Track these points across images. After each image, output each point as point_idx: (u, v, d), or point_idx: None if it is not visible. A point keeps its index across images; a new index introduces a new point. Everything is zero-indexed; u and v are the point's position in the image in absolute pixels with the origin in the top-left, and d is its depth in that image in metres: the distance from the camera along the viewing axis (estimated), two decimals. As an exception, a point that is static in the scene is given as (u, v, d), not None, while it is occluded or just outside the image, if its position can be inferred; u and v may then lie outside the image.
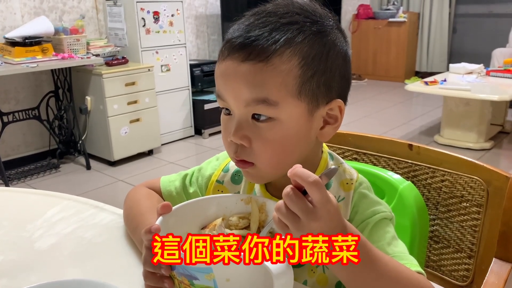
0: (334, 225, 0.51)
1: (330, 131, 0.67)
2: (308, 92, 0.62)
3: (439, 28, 6.16)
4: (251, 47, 0.60)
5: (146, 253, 0.59)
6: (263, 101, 0.60)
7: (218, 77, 0.64)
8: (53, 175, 3.30)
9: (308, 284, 0.69)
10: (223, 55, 0.63)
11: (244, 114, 0.63)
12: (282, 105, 0.61)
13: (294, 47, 0.60)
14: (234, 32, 0.63)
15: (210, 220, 0.66)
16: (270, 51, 0.59)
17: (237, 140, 0.63)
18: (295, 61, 0.60)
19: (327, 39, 0.63)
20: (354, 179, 0.70)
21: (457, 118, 3.57)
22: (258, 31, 0.61)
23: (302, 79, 0.61)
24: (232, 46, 0.62)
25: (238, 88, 0.61)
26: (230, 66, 0.62)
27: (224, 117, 0.67)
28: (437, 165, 0.87)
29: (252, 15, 0.64)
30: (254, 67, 0.60)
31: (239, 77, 0.61)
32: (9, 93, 3.35)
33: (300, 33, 0.61)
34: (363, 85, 6.11)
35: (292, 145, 0.64)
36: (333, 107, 0.65)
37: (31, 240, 0.79)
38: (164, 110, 3.77)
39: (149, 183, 0.84)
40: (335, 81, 0.65)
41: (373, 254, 0.54)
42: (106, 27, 3.81)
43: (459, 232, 0.86)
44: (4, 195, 1.02)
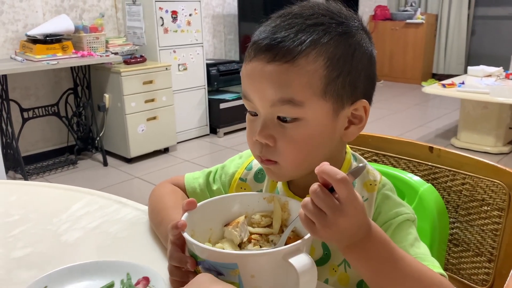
0: (360, 222, 0.52)
1: (355, 131, 0.67)
2: (333, 92, 0.63)
3: (457, 30, 6.09)
4: (277, 48, 0.61)
5: (172, 248, 0.61)
6: (288, 101, 0.61)
7: (244, 78, 0.66)
8: (71, 171, 3.35)
9: (329, 283, 0.69)
10: (249, 56, 0.64)
11: (270, 114, 0.63)
12: (307, 105, 0.61)
13: (320, 48, 0.61)
14: (260, 34, 0.64)
15: (233, 217, 0.67)
16: (296, 52, 0.60)
17: (262, 139, 0.64)
18: (321, 62, 0.61)
19: (352, 40, 0.64)
20: (378, 180, 0.70)
21: (475, 121, 3.53)
22: (284, 33, 0.61)
23: (328, 79, 0.62)
24: (259, 47, 0.63)
25: (264, 89, 0.62)
26: (256, 67, 0.63)
27: (249, 117, 0.68)
28: (457, 168, 0.87)
29: (278, 17, 0.65)
30: (280, 67, 0.61)
31: (265, 77, 0.62)
32: (30, 89, 3.41)
33: (326, 34, 0.62)
34: (379, 86, 6.04)
35: (316, 144, 0.65)
36: (358, 107, 0.66)
37: (57, 234, 0.81)
38: (180, 108, 3.80)
39: (173, 180, 0.86)
40: (360, 82, 0.65)
41: (397, 253, 0.55)
42: (125, 26, 3.86)
43: (480, 235, 0.86)
44: (29, 189, 1.05)
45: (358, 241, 0.53)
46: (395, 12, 6.43)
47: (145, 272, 0.65)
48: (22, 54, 3.15)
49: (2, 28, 3.23)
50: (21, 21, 3.30)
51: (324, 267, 0.70)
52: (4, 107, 3.03)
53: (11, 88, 3.14)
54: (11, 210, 0.91)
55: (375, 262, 0.54)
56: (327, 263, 0.70)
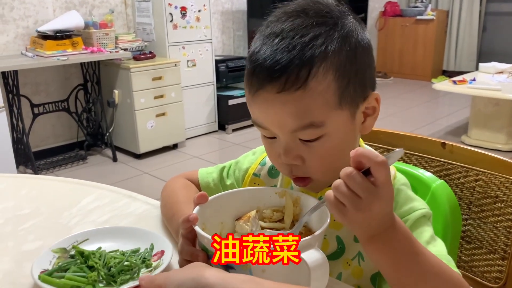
0: (390, 209, 0.52)
1: (371, 122, 0.67)
2: (347, 99, 0.62)
3: (469, 27, 6.03)
4: (284, 76, 0.58)
5: (183, 242, 0.60)
6: (309, 125, 0.60)
7: (255, 109, 0.63)
8: (81, 166, 3.37)
9: (343, 277, 0.69)
10: (253, 85, 0.61)
11: (291, 137, 0.62)
12: (327, 122, 0.61)
13: (325, 62, 0.59)
14: (259, 60, 0.60)
15: (245, 211, 0.67)
16: (304, 76, 0.58)
17: (290, 161, 0.63)
18: (330, 76, 0.60)
19: (351, 40, 0.62)
20: (393, 175, 0.70)
21: (486, 118, 3.49)
22: (286, 57, 0.58)
23: (340, 90, 0.61)
24: (263, 77, 0.60)
25: (281, 119, 0.61)
26: (266, 98, 0.60)
27: (266, 140, 0.66)
28: (470, 164, 0.86)
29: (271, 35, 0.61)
30: (292, 96, 0.59)
31: (279, 108, 0.60)
32: (40, 85, 3.44)
33: (328, 46, 0.59)
34: (389, 83, 6.04)
35: (343, 150, 0.64)
36: (371, 100, 0.66)
37: (68, 227, 0.82)
38: (189, 105, 3.81)
39: (187, 174, 0.86)
40: (366, 76, 0.65)
41: (417, 247, 0.54)
42: (134, 22, 3.87)
43: (493, 233, 0.84)
44: (39, 183, 1.05)
45: (383, 231, 0.53)
46: (405, 8, 6.38)
47: (165, 246, 0.68)
48: (32, 50, 3.17)
49: (13, 24, 3.25)
50: (32, 17, 3.32)
51: (338, 261, 0.69)
52: (15, 102, 3.05)
53: (21, 83, 3.16)
54: (22, 204, 0.92)
55: (397, 255, 0.54)
56: (341, 257, 0.70)
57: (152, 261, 0.66)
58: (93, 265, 0.63)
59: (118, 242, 0.72)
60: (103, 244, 0.71)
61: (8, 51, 3.24)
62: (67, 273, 0.62)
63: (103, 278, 0.62)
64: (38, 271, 0.62)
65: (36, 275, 0.61)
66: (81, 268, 0.63)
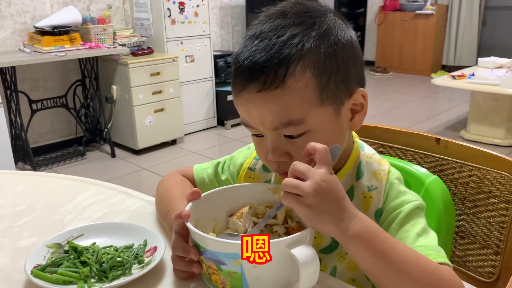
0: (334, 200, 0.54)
1: (360, 118, 0.68)
2: (329, 96, 0.62)
3: (468, 21, 6.01)
4: (263, 76, 0.60)
5: (176, 238, 0.61)
6: (289, 123, 0.61)
7: (239, 108, 0.66)
8: (79, 162, 3.38)
9: (338, 270, 0.70)
10: (237, 87, 0.64)
11: (276, 134, 0.64)
12: (308, 119, 0.62)
13: (303, 60, 0.60)
14: (240, 61, 0.62)
15: (238, 208, 0.67)
16: (282, 74, 0.60)
17: (277, 158, 0.65)
18: (309, 74, 0.61)
19: (329, 37, 0.63)
20: (387, 169, 0.71)
21: (485, 113, 3.49)
22: (264, 56, 0.60)
23: (320, 87, 0.61)
24: (244, 78, 0.62)
25: (262, 117, 0.63)
26: (248, 97, 0.62)
27: (255, 139, 0.68)
28: (465, 159, 0.86)
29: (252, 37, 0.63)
30: (271, 94, 0.60)
31: (260, 106, 0.62)
32: (38, 81, 3.43)
33: (304, 44, 0.60)
34: (388, 78, 6.03)
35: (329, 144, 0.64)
36: (357, 97, 0.66)
37: (63, 223, 0.82)
38: (187, 100, 3.80)
39: (182, 171, 0.87)
40: (350, 73, 0.65)
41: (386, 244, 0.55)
42: (132, 17, 3.86)
43: (486, 228, 0.85)
44: (35, 179, 1.06)
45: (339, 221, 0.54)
46: (405, 2, 6.36)
47: (158, 242, 0.69)
48: (30, 46, 3.17)
49: (11, 20, 3.24)
50: (29, 12, 3.32)
51: (332, 255, 0.70)
52: (13, 98, 3.05)
53: (19, 79, 3.16)
54: (17, 200, 0.92)
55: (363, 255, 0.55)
56: (335, 250, 0.70)
57: (144, 257, 0.66)
58: (86, 260, 0.64)
59: (113, 238, 0.72)
60: (98, 240, 0.71)
61: (5, 47, 3.24)
62: (59, 268, 0.62)
63: (95, 273, 0.62)
64: (31, 266, 0.62)
65: (29, 270, 0.61)
66: (74, 263, 0.64)
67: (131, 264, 0.64)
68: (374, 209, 0.69)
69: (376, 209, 0.69)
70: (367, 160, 0.72)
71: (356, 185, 0.70)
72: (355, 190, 0.70)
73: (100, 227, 0.75)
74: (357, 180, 0.70)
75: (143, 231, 0.72)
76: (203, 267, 0.59)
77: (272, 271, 0.55)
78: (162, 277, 0.64)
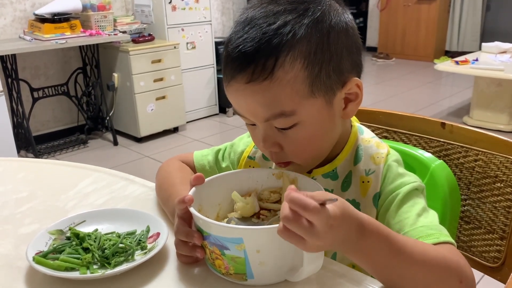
0: (343, 236, 0.49)
1: (354, 107, 0.66)
2: (320, 87, 0.61)
3: (472, 6, 5.94)
4: (251, 66, 0.58)
5: (179, 222, 0.60)
6: (279, 115, 0.60)
7: (230, 98, 0.64)
8: (81, 150, 3.37)
9: (337, 256, 0.69)
10: (227, 76, 0.62)
11: (267, 125, 0.63)
12: (299, 111, 0.60)
13: (293, 51, 0.58)
14: (230, 49, 0.60)
15: (242, 193, 0.67)
16: (271, 66, 0.58)
17: (268, 148, 0.64)
18: (298, 65, 0.59)
19: (322, 25, 0.60)
20: (385, 152, 0.69)
21: (488, 99, 3.47)
22: (253, 46, 0.58)
23: (311, 78, 0.60)
24: (234, 67, 0.60)
25: (252, 108, 0.62)
26: (237, 88, 0.61)
27: (249, 127, 0.68)
28: (470, 144, 0.85)
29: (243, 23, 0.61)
30: (260, 86, 0.59)
31: (249, 98, 0.61)
32: (39, 69, 3.42)
33: (295, 34, 0.58)
34: (390, 64, 5.98)
35: (322, 136, 0.65)
36: (351, 87, 0.64)
37: (65, 210, 0.81)
38: (189, 88, 3.79)
39: (182, 157, 0.86)
40: (344, 61, 0.63)
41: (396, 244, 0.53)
42: (133, 4, 3.82)
43: (492, 213, 0.84)
44: (37, 166, 1.05)
45: (351, 245, 0.51)
46: (408, -13, 6.28)
47: (161, 228, 0.68)
48: (30, 34, 3.15)
49: (10, 7, 3.22)
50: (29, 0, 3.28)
51: None
52: (14, 86, 3.04)
53: (20, 67, 3.15)
54: (19, 187, 0.92)
55: (376, 258, 0.53)
56: None
57: (147, 243, 0.66)
58: (88, 247, 0.63)
59: (115, 224, 0.71)
60: (100, 226, 0.71)
61: (5, 34, 3.22)
62: (61, 255, 0.62)
63: (98, 260, 0.62)
64: (33, 252, 0.62)
65: (30, 256, 0.61)
66: (76, 249, 0.63)
67: (133, 250, 0.64)
68: (372, 193, 0.67)
69: (374, 194, 0.67)
70: (366, 144, 0.71)
71: (354, 170, 0.69)
72: (353, 175, 0.69)
73: (102, 213, 0.74)
74: (354, 165, 0.69)
75: (146, 217, 0.72)
76: (207, 252, 0.58)
77: (276, 256, 0.55)
78: (165, 263, 0.64)
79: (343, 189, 0.70)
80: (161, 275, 0.61)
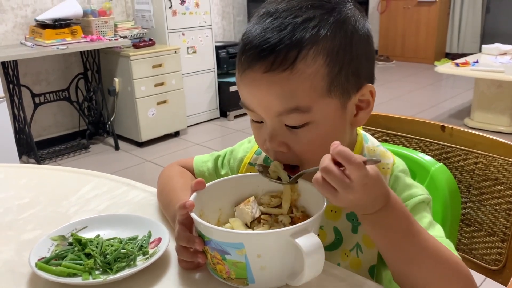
0: (373, 197, 0.52)
1: (364, 115, 0.65)
2: (338, 88, 0.60)
3: (472, 8, 5.94)
4: (272, 56, 0.57)
5: (180, 228, 0.60)
6: (295, 109, 0.58)
7: (242, 88, 0.62)
8: (83, 155, 3.38)
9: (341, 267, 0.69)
10: (242, 64, 0.60)
11: (277, 122, 0.61)
12: (314, 108, 0.59)
13: (316, 46, 0.57)
14: (250, 38, 0.59)
15: (243, 197, 0.67)
16: (293, 57, 0.57)
17: (275, 148, 0.62)
18: (321, 61, 0.58)
19: (347, 27, 0.60)
20: (391, 163, 0.69)
21: (489, 100, 3.47)
22: (276, 36, 0.57)
23: (330, 76, 0.59)
24: (252, 55, 0.58)
25: (266, 101, 0.59)
26: (253, 77, 0.59)
27: (254, 124, 0.65)
28: (470, 147, 0.85)
29: (264, 15, 0.60)
30: (279, 77, 0.57)
31: (265, 89, 0.58)
32: (40, 74, 3.43)
33: (320, 29, 0.57)
34: (391, 67, 5.99)
35: (331, 139, 0.61)
36: (365, 92, 0.64)
37: (67, 216, 0.82)
38: (190, 92, 3.79)
39: (182, 162, 0.86)
40: (362, 66, 0.63)
41: (415, 228, 0.54)
42: (133, 9, 3.83)
43: (492, 215, 0.84)
44: (38, 172, 1.05)
45: (374, 212, 0.53)
46: (408, -10, 6.29)
47: (162, 233, 0.68)
48: (31, 39, 3.16)
49: (11, 13, 3.23)
50: (30, 6, 3.30)
51: (335, 252, 0.69)
52: (15, 92, 3.05)
53: (22, 73, 3.16)
54: (21, 193, 0.92)
55: (391, 233, 0.54)
56: (339, 248, 0.69)
57: (149, 249, 0.66)
58: (90, 252, 0.63)
59: (117, 230, 0.72)
60: (102, 232, 0.71)
61: (7, 40, 3.23)
62: (64, 261, 0.62)
63: (100, 265, 0.62)
64: (35, 258, 0.62)
65: (33, 262, 0.61)
66: (78, 255, 0.64)
67: (135, 255, 0.64)
68: None
69: None
70: (371, 154, 0.70)
71: None
72: None
73: (104, 219, 0.75)
74: None
75: (147, 222, 0.72)
76: (208, 257, 0.59)
77: (277, 260, 0.55)
78: (167, 268, 0.64)
79: None
80: (163, 280, 0.62)
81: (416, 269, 0.55)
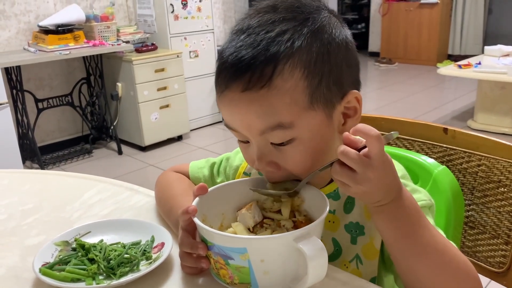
0: (390, 179, 0.52)
1: (353, 123, 0.63)
2: (320, 99, 0.58)
3: (474, 9, 5.94)
4: (248, 74, 0.55)
5: (183, 234, 0.60)
6: (277, 126, 0.57)
7: (223, 110, 0.61)
8: (86, 160, 3.39)
9: None
10: (220, 86, 0.59)
11: (262, 141, 0.59)
12: (297, 123, 0.57)
13: (292, 59, 0.56)
14: (224, 58, 0.58)
15: (245, 202, 0.67)
16: (269, 73, 0.55)
17: (264, 168, 0.61)
18: (298, 74, 0.56)
19: (323, 36, 0.58)
20: None
21: (492, 102, 3.46)
22: (250, 53, 0.56)
23: (311, 89, 0.57)
24: (228, 75, 0.57)
25: (247, 120, 0.58)
26: (232, 97, 0.57)
27: (241, 145, 0.64)
28: (473, 149, 0.85)
29: (238, 32, 0.59)
30: (257, 94, 0.56)
31: (244, 108, 0.57)
32: (44, 80, 3.44)
33: (294, 42, 0.56)
34: (393, 69, 5.98)
35: (320, 150, 0.61)
36: (350, 99, 0.62)
37: (70, 221, 0.82)
38: (192, 96, 3.80)
39: (177, 168, 0.86)
40: (344, 74, 0.61)
41: (424, 222, 0.55)
42: (135, 14, 3.85)
43: (496, 217, 0.84)
44: (42, 177, 1.06)
45: (388, 203, 0.53)
46: (409, -8, 6.30)
47: (165, 238, 0.69)
48: (34, 45, 3.18)
49: (14, 20, 3.25)
50: (33, 12, 3.32)
51: (335, 263, 0.68)
52: (19, 98, 3.07)
53: (25, 79, 3.17)
54: (25, 199, 0.92)
55: (404, 225, 0.54)
56: (338, 259, 0.69)
57: (152, 253, 0.66)
58: (94, 257, 0.64)
59: (120, 235, 0.72)
60: (105, 237, 0.71)
61: (10, 46, 3.25)
62: (67, 266, 0.62)
63: (103, 270, 0.62)
64: (39, 264, 0.63)
65: (37, 268, 0.61)
66: (82, 261, 0.64)
67: (139, 260, 0.64)
68: None
69: None
70: None
71: None
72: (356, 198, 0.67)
73: (107, 224, 0.75)
74: None
75: (150, 227, 0.72)
76: (211, 262, 0.59)
77: (280, 265, 0.55)
78: (170, 273, 0.64)
79: (346, 211, 0.68)
80: (167, 284, 0.62)
81: (425, 263, 0.54)
